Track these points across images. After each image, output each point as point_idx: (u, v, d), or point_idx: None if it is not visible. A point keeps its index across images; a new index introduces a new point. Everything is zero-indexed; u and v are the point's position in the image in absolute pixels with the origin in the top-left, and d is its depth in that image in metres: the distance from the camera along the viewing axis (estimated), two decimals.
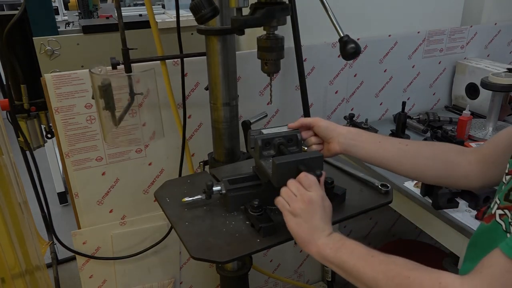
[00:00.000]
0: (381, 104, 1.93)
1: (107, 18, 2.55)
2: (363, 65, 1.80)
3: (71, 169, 1.48)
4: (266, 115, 1.43)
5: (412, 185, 1.37)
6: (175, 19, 1.34)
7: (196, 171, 1.57)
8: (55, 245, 2.22)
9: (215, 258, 0.91)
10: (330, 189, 1.05)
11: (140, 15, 2.51)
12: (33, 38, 1.69)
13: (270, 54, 1.05)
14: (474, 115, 1.84)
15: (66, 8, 2.96)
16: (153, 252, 1.69)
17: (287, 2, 1.02)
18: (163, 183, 1.21)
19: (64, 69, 1.43)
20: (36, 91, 1.62)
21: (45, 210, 1.78)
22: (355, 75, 1.82)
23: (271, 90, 1.15)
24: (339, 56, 1.03)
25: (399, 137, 1.67)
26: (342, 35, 0.99)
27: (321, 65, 1.72)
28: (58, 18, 3.58)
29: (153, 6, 1.35)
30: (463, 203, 1.26)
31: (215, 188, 1.04)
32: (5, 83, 1.62)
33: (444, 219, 1.24)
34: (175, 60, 1.45)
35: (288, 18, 1.10)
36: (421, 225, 1.37)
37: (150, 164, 1.59)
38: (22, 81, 1.60)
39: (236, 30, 1.00)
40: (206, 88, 1.29)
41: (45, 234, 2.05)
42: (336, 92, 1.81)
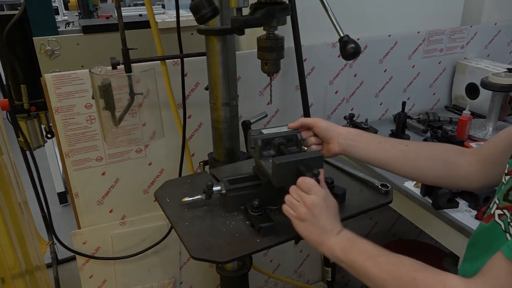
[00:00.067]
0: (381, 104, 1.93)
1: (107, 18, 2.55)
2: (363, 65, 1.80)
3: (71, 169, 1.48)
4: (266, 115, 1.43)
5: (412, 185, 1.37)
6: (175, 19, 1.34)
7: (196, 171, 1.57)
8: (55, 245, 2.22)
9: (215, 258, 0.91)
10: (330, 189, 1.05)
11: (140, 15, 2.51)
12: (33, 38, 1.69)
13: (270, 54, 1.05)
14: (474, 115, 1.84)
15: (66, 8, 2.96)
16: (153, 252, 1.69)
17: (287, 2, 1.02)
18: (163, 183, 1.21)
19: (64, 69, 1.43)
20: (36, 91, 1.62)
21: (45, 210, 1.78)
22: (355, 75, 1.82)
23: (271, 90, 1.15)
24: (339, 56, 1.03)
25: (399, 137, 1.67)
26: (342, 35, 0.99)
27: (321, 65, 1.72)
28: (58, 18, 3.58)
29: (153, 6, 1.35)
30: (463, 203, 1.26)
31: (215, 188, 1.04)
32: (5, 83, 1.62)
33: (444, 219, 1.24)
34: (175, 60, 1.45)
35: (288, 18, 1.10)
36: (421, 225, 1.37)
37: (150, 164, 1.59)
38: (22, 81, 1.60)
39: (236, 30, 1.00)
40: (206, 88, 1.29)
41: (45, 234, 2.05)
42: (336, 92, 1.81)
